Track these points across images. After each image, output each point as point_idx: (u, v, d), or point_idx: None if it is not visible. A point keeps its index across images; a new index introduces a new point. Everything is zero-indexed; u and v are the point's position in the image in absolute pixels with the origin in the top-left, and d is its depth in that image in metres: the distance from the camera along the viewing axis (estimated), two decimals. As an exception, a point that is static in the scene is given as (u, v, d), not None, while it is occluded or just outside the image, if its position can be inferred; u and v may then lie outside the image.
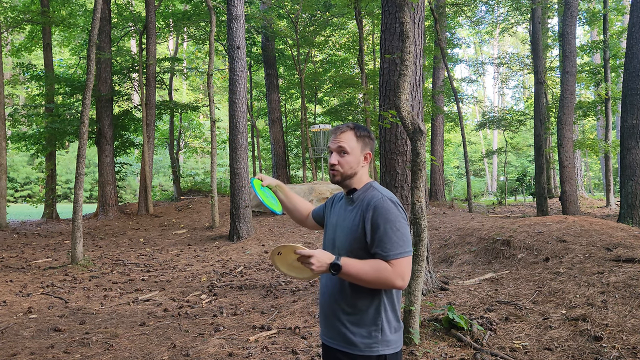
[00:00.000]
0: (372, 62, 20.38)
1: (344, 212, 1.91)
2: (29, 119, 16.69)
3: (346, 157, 1.86)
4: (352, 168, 1.86)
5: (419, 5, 5.33)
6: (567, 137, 11.61)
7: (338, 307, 1.82)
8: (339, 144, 1.87)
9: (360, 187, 1.90)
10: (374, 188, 1.87)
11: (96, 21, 8.61)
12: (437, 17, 14.48)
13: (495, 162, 39.51)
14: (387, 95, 5.38)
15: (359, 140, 1.88)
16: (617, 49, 17.87)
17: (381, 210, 1.75)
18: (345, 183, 1.90)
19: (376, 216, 1.75)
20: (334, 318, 1.83)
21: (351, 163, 1.86)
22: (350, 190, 1.90)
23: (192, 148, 27.09)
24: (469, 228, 8.18)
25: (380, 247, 1.72)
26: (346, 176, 1.87)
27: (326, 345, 1.89)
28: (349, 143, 1.86)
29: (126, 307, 5.67)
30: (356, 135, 1.88)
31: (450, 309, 3.94)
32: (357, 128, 1.90)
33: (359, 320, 1.78)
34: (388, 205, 1.76)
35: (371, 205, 1.77)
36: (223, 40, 18.35)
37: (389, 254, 1.71)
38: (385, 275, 1.69)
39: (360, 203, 1.83)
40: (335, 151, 1.88)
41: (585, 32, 30.10)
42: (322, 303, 1.90)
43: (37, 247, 10.69)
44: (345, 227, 1.85)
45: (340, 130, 1.89)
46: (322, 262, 1.66)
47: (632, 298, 4.32)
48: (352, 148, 1.86)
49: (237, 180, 10.44)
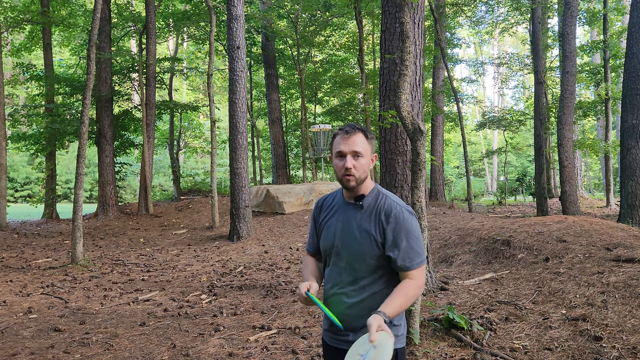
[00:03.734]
0: (372, 62, 20.39)
1: (352, 218, 1.87)
2: (29, 119, 16.68)
3: (360, 160, 1.82)
4: (365, 172, 1.84)
5: (419, 5, 5.33)
6: (567, 137, 11.61)
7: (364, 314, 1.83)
8: (353, 147, 1.81)
9: (367, 192, 1.87)
10: (385, 195, 1.87)
11: (96, 21, 8.61)
12: (437, 17, 14.48)
13: (495, 162, 39.50)
14: (387, 95, 5.38)
15: (369, 142, 1.86)
16: (617, 49, 17.86)
17: (404, 223, 1.79)
18: (357, 188, 1.86)
19: (399, 228, 1.78)
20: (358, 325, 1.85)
21: (365, 166, 1.83)
22: (359, 197, 1.87)
23: (192, 148, 27.08)
24: (469, 228, 8.18)
25: (404, 260, 1.78)
26: (361, 180, 1.83)
27: (335, 347, 1.90)
28: (362, 145, 1.82)
29: (126, 307, 5.67)
30: (366, 137, 1.85)
31: (450, 309, 3.94)
32: (364, 130, 1.87)
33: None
34: (408, 216, 1.81)
35: (392, 217, 1.79)
36: (223, 40, 18.35)
37: (413, 264, 1.78)
38: (413, 292, 1.77)
39: (374, 211, 1.83)
40: (350, 154, 1.81)
41: (585, 32, 30.11)
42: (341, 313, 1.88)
43: (37, 247, 10.69)
44: (356, 235, 1.83)
45: (352, 132, 1.83)
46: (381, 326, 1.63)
47: (632, 298, 4.32)
48: (365, 150, 1.83)
49: (237, 180, 10.44)
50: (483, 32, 27.37)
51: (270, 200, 13.00)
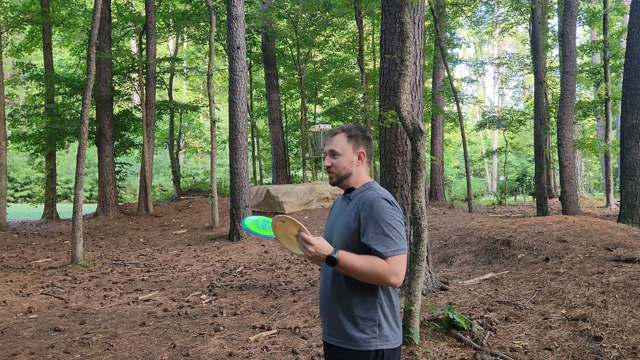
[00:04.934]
0: (372, 62, 20.38)
1: (342, 210, 1.98)
2: (29, 119, 16.69)
3: (338, 158, 1.95)
4: (345, 168, 1.94)
5: (419, 5, 5.32)
6: (567, 137, 11.61)
7: (336, 303, 1.87)
8: (330, 147, 1.97)
9: (358, 187, 1.96)
10: (372, 188, 1.92)
11: (96, 21, 8.61)
12: (437, 17, 14.48)
13: (495, 162, 39.50)
14: (387, 95, 5.38)
15: (350, 140, 1.96)
16: (617, 49, 17.86)
17: (377, 209, 1.80)
18: (342, 183, 1.98)
19: (372, 215, 1.80)
20: (333, 315, 1.89)
21: (343, 163, 1.94)
22: (349, 190, 1.98)
23: (192, 148, 27.09)
24: (469, 228, 8.18)
25: (377, 244, 1.77)
26: (341, 177, 1.96)
27: (327, 343, 1.94)
28: (339, 144, 1.96)
29: (126, 307, 5.67)
30: (347, 135, 1.97)
31: (450, 309, 3.94)
32: (349, 129, 1.98)
33: (356, 316, 1.83)
34: (383, 204, 1.82)
35: (367, 204, 1.83)
36: (223, 40, 18.35)
37: (386, 251, 1.76)
38: (380, 271, 1.74)
39: (357, 202, 1.90)
40: (328, 154, 1.98)
41: (585, 32, 30.10)
42: (322, 301, 1.96)
43: (37, 247, 10.68)
44: (341, 224, 1.92)
45: (333, 132, 2.00)
46: (319, 251, 1.73)
47: (632, 298, 4.32)
48: (342, 149, 1.95)
49: (237, 180, 10.44)
50: (483, 32, 27.39)
51: (270, 200, 13.00)
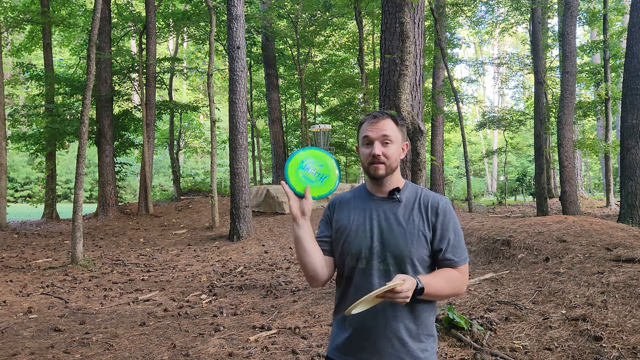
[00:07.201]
0: (372, 62, 20.39)
1: (389, 214, 1.65)
2: (29, 119, 16.69)
3: (390, 146, 1.64)
4: (396, 160, 1.66)
5: (419, 5, 5.33)
6: (567, 137, 11.61)
7: (401, 324, 1.60)
8: (383, 132, 1.63)
9: (402, 186, 1.69)
10: (421, 188, 1.72)
11: (96, 21, 8.61)
12: (437, 17, 14.49)
13: (495, 162, 39.51)
14: (387, 95, 5.38)
15: (399, 129, 1.68)
16: (617, 49, 17.87)
17: (451, 215, 1.64)
18: (387, 179, 1.66)
19: (447, 221, 1.63)
20: (392, 339, 1.59)
21: (395, 154, 1.65)
22: (394, 190, 1.67)
23: (192, 148, 27.11)
24: (469, 228, 8.18)
25: (453, 253, 1.62)
26: (392, 169, 1.65)
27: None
28: (392, 131, 1.65)
29: (126, 307, 5.67)
30: (394, 122, 1.67)
31: (450, 309, 3.94)
32: (394, 116, 1.70)
33: (421, 333, 1.62)
34: (452, 208, 1.67)
35: (441, 209, 1.63)
36: (223, 40, 18.35)
37: (461, 259, 1.63)
38: (457, 283, 1.61)
39: (418, 205, 1.65)
40: (379, 140, 1.63)
41: (585, 32, 30.10)
42: (373, 325, 1.61)
43: (37, 247, 10.69)
44: (401, 232, 1.62)
45: (380, 117, 1.65)
46: (410, 293, 1.45)
47: (632, 298, 4.32)
48: (395, 137, 1.65)
49: (237, 180, 10.44)
50: (483, 32, 27.39)
51: (270, 200, 13.00)
